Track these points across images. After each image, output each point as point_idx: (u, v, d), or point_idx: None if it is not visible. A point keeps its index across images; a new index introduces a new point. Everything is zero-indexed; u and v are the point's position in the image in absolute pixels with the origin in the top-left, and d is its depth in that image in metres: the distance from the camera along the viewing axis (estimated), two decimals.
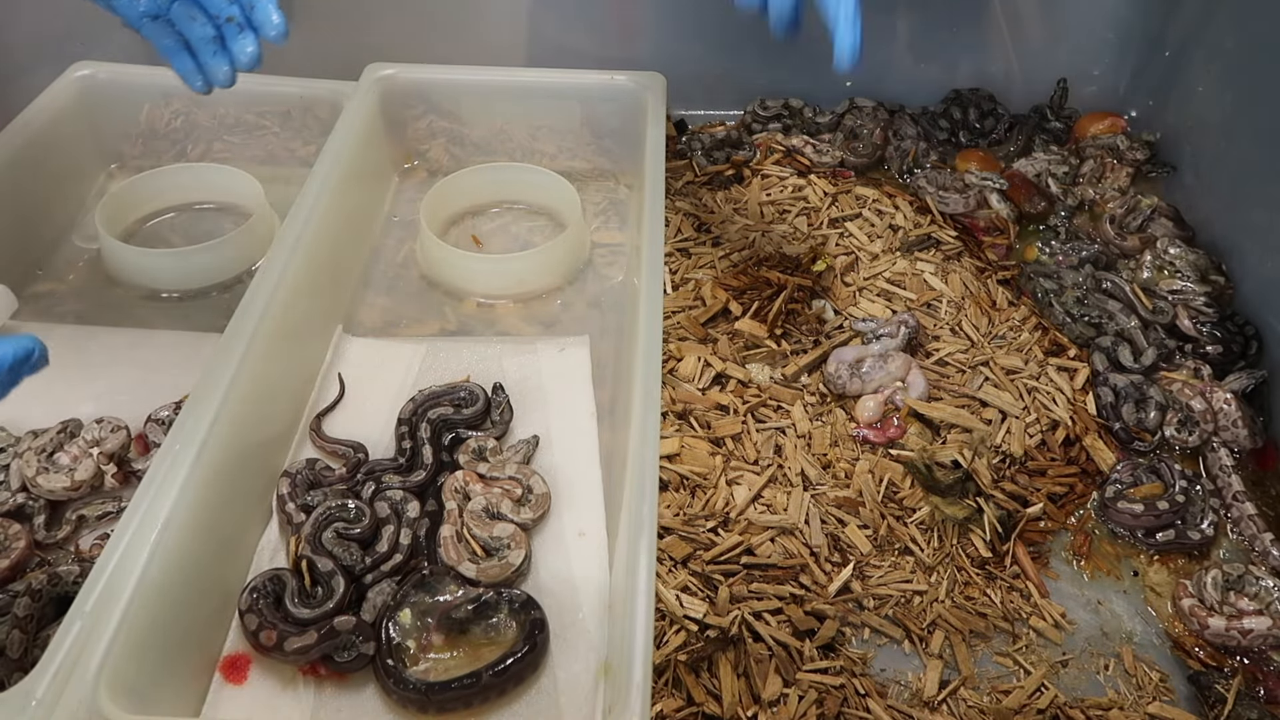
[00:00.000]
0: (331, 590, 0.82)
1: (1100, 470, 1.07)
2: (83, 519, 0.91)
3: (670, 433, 1.05)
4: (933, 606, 0.94)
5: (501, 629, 0.81)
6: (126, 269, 1.17)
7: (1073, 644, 0.93)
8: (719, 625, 0.89)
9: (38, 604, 0.80)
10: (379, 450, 0.98)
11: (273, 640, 0.78)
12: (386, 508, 0.90)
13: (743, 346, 1.15)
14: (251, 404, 0.88)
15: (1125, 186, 1.43)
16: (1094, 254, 1.31)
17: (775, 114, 1.52)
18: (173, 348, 1.07)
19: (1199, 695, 0.89)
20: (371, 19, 1.42)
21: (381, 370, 1.07)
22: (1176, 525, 1.00)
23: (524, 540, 0.88)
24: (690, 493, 1.00)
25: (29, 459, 0.91)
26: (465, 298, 1.18)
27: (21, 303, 1.10)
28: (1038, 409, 1.11)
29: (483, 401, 1.00)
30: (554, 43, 1.49)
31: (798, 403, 1.09)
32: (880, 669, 0.90)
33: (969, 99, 1.54)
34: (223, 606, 0.82)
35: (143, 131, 1.33)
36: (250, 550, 0.89)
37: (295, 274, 0.98)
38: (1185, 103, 1.45)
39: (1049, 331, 1.22)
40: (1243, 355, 1.17)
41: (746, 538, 0.96)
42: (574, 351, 1.09)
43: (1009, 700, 0.87)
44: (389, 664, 0.78)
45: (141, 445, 0.97)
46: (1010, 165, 1.47)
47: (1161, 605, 0.97)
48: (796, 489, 1.01)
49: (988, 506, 1.00)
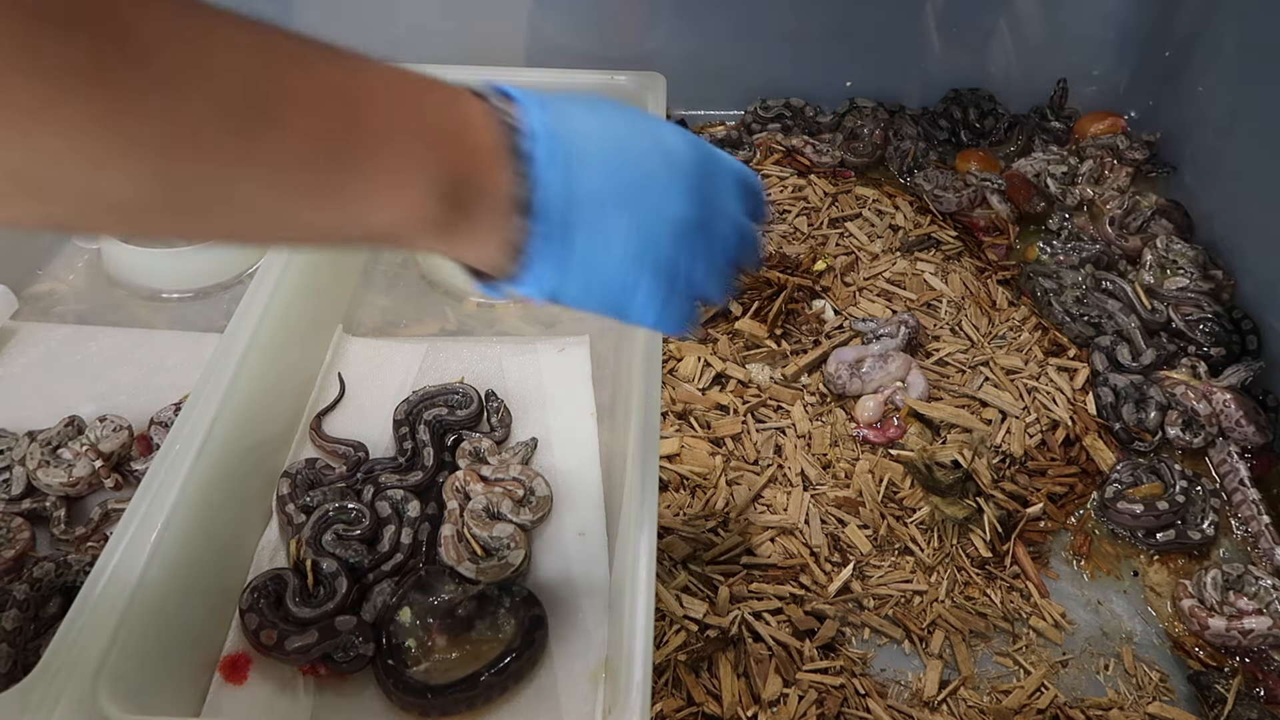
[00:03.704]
0: (334, 590, 0.82)
1: (1100, 470, 1.07)
2: (107, 516, 0.91)
3: (670, 433, 1.05)
4: (933, 606, 0.94)
5: (501, 625, 0.81)
6: (126, 269, 1.17)
7: (1073, 644, 0.93)
8: (719, 625, 0.89)
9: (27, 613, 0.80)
10: (379, 450, 0.98)
11: (273, 640, 0.78)
12: (388, 507, 0.90)
13: (743, 346, 1.15)
14: (251, 404, 0.88)
15: (1125, 186, 1.43)
16: (1094, 254, 1.31)
17: (776, 114, 1.52)
18: (173, 348, 1.07)
19: (1199, 695, 0.89)
20: (370, 19, 1.42)
21: (381, 370, 1.06)
22: (1177, 525, 1.00)
23: (524, 540, 0.88)
24: (690, 493, 1.00)
25: (34, 451, 0.92)
26: (465, 298, 1.18)
27: (21, 303, 1.10)
28: (1038, 409, 1.11)
29: (477, 403, 1.00)
30: (554, 42, 1.49)
31: (798, 403, 1.09)
32: (880, 669, 0.90)
33: (969, 99, 1.54)
34: (223, 606, 0.82)
35: None
36: (250, 550, 0.89)
37: (295, 274, 0.98)
38: (1185, 103, 1.45)
39: (1049, 331, 1.22)
40: (1242, 353, 1.17)
41: (746, 538, 0.96)
42: (574, 351, 1.09)
43: (1009, 700, 0.87)
44: (389, 664, 0.78)
45: (144, 446, 0.97)
46: (1010, 165, 1.47)
47: (1161, 605, 0.97)
48: (796, 489, 1.01)
49: (988, 506, 1.00)
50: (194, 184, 0.40)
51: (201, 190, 0.40)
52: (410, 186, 0.46)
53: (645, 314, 0.53)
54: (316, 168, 0.43)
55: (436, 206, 0.46)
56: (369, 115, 0.44)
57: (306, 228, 0.46)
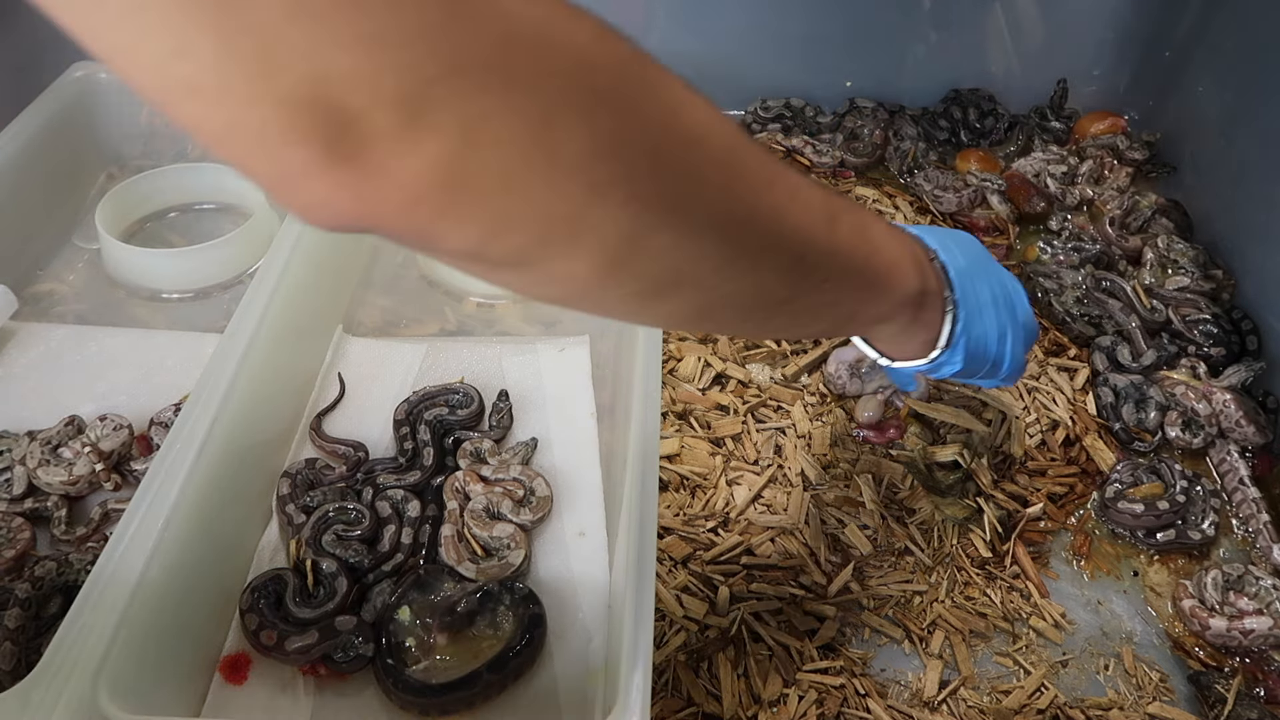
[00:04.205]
0: (334, 590, 0.82)
1: (1100, 470, 1.07)
2: (107, 516, 0.91)
3: (670, 433, 1.05)
4: (933, 606, 0.94)
5: (501, 622, 0.81)
6: (127, 269, 1.17)
7: (1073, 644, 0.93)
8: (719, 625, 0.89)
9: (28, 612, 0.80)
10: (379, 450, 0.98)
11: (273, 640, 0.78)
12: (388, 507, 0.90)
13: (743, 346, 1.15)
14: (251, 404, 0.88)
15: (1125, 186, 1.43)
16: (1094, 254, 1.30)
17: (776, 114, 1.52)
18: (173, 348, 1.07)
19: (1199, 695, 0.89)
20: None
21: (382, 370, 1.07)
22: (1177, 525, 1.00)
23: (524, 540, 0.88)
24: (690, 493, 1.00)
25: (34, 450, 0.92)
26: (465, 298, 1.18)
27: (21, 303, 1.10)
28: (1038, 409, 1.11)
29: (477, 403, 1.00)
30: None
31: (798, 403, 1.09)
32: (880, 669, 0.90)
33: (969, 99, 1.54)
34: (223, 606, 0.82)
35: (143, 131, 1.33)
36: (250, 550, 0.89)
37: (295, 274, 0.98)
38: (1185, 103, 1.44)
39: (1049, 331, 1.22)
40: (1242, 353, 1.17)
41: (746, 538, 0.96)
42: (574, 351, 1.09)
43: (1009, 700, 0.87)
44: (389, 664, 0.78)
45: (145, 447, 0.97)
46: (1010, 165, 1.47)
47: (1161, 605, 0.97)
48: (796, 489, 1.01)
49: (988, 506, 1.00)
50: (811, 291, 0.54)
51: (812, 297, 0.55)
52: (907, 289, 0.63)
53: (994, 376, 0.77)
54: (865, 283, 0.59)
55: (913, 308, 0.65)
56: (882, 243, 0.60)
57: (846, 322, 0.65)
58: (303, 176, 0.34)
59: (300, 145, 0.33)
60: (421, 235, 0.37)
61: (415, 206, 0.35)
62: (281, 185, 0.35)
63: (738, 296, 0.50)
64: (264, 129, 0.33)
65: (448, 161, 0.34)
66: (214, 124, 0.33)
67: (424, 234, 0.37)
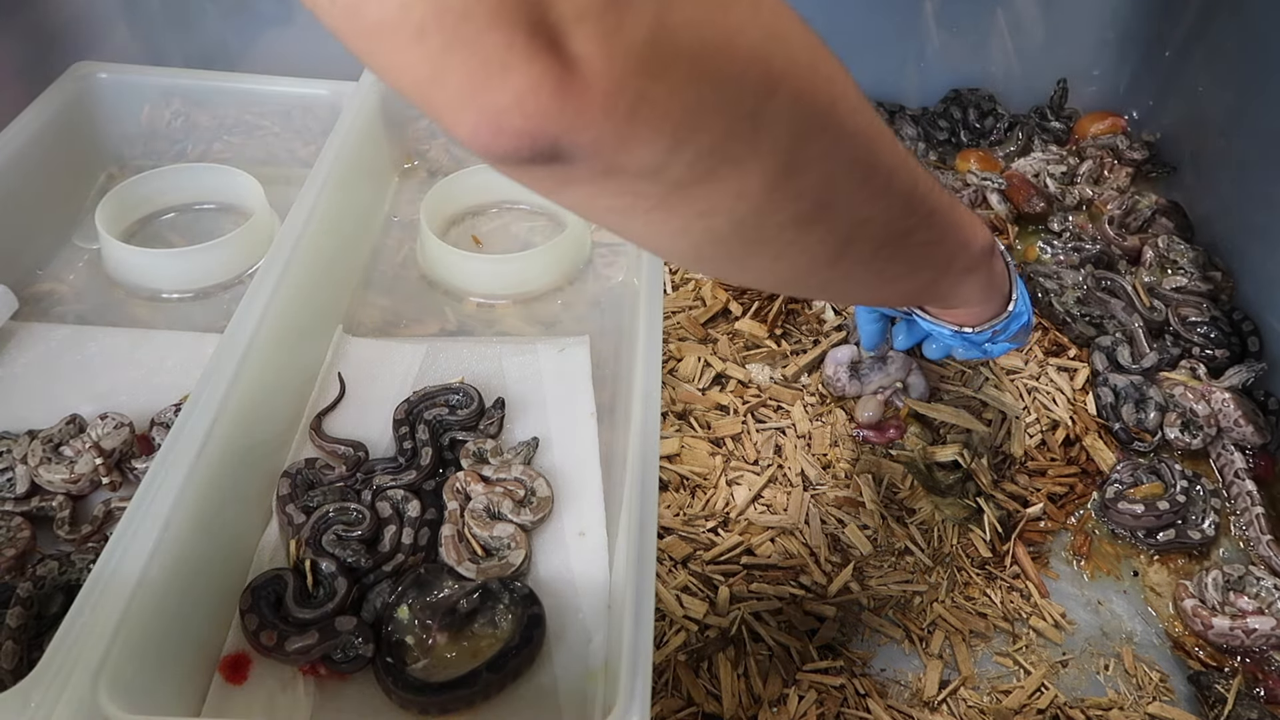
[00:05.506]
0: (333, 591, 0.82)
1: (1100, 470, 1.07)
2: (110, 515, 0.91)
3: (670, 433, 1.05)
4: (933, 606, 0.94)
5: (501, 621, 0.81)
6: (126, 269, 1.17)
7: (1073, 644, 0.93)
8: (719, 625, 0.89)
9: (30, 611, 0.80)
10: (379, 450, 0.98)
11: (273, 640, 0.78)
12: (388, 508, 0.90)
13: (743, 346, 1.15)
14: (251, 404, 0.88)
15: (1125, 186, 1.43)
16: (1094, 254, 1.31)
17: None
18: (173, 348, 1.07)
19: (1199, 695, 0.89)
20: None
21: (382, 370, 1.06)
22: (1177, 525, 1.00)
23: (524, 541, 0.88)
24: (690, 493, 1.00)
25: (35, 449, 0.92)
26: (465, 298, 1.18)
27: (21, 303, 1.10)
28: (1038, 409, 1.11)
29: (477, 403, 1.00)
30: None
31: (798, 403, 1.09)
32: (880, 669, 0.90)
33: (969, 99, 1.54)
34: (223, 606, 0.82)
35: (143, 131, 1.33)
36: (250, 550, 0.89)
37: (295, 274, 0.98)
38: (1185, 103, 1.45)
39: (1049, 331, 1.22)
40: (1243, 354, 1.17)
41: (746, 538, 0.96)
42: (574, 352, 1.09)
43: (1009, 700, 0.88)
44: (388, 662, 0.78)
45: (145, 447, 0.97)
46: (1010, 165, 1.47)
47: (1162, 605, 0.97)
48: (796, 489, 1.01)
49: (988, 506, 1.00)
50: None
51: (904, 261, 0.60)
52: (984, 237, 0.69)
53: (1026, 336, 0.86)
54: (955, 224, 0.63)
55: (989, 256, 0.71)
56: (952, 197, 0.63)
57: (945, 270, 0.68)
58: (501, 70, 0.33)
59: (505, 29, 0.32)
60: (615, 139, 0.36)
61: (615, 99, 0.35)
62: (478, 84, 0.34)
63: (870, 226, 0.52)
64: (469, 10, 0.32)
65: (646, 41, 0.34)
66: (419, 12, 0.32)
67: (618, 138, 0.36)
